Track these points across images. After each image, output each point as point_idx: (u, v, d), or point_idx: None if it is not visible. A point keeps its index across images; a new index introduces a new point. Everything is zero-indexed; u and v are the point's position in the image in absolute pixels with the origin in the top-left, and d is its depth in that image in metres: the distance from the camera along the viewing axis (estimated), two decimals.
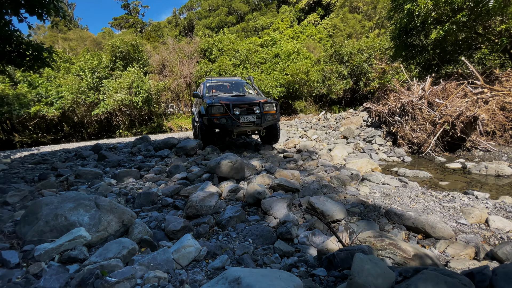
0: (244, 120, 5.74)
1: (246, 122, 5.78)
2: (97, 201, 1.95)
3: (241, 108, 5.84)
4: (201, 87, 7.55)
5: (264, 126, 6.04)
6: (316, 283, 1.43)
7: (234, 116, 5.66)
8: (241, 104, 5.90)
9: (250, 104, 5.96)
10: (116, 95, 15.10)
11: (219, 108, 5.66)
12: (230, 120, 5.63)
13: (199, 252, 1.80)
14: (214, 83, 7.64)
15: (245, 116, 5.76)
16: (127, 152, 7.01)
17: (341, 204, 2.97)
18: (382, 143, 7.48)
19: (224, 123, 5.64)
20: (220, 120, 5.62)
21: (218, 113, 5.67)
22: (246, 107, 5.88)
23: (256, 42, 22.27)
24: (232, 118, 5.61)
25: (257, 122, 5.86)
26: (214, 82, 7.81)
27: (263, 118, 5.88)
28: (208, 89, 7.21)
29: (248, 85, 8.09)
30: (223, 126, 5.72)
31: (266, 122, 5.96)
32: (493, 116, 6.34)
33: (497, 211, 2.95)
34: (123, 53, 17.47)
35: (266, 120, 5.94)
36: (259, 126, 5.94)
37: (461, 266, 1.81)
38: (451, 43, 9.07)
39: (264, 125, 5.99)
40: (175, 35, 35.36)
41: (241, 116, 5.72)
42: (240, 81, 8.29)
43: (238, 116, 5.69)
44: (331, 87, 15.27)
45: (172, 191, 3.51)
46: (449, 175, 5.02)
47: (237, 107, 5.79)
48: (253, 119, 5.83)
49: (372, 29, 27.54)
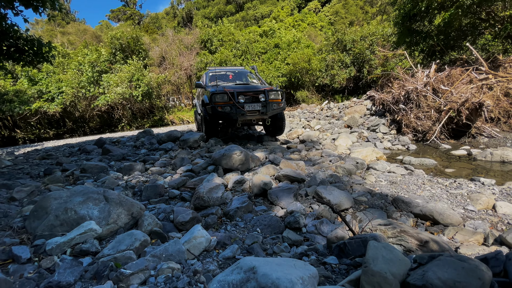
0: (249, 108, 5.54)
1: (251, 111, 5.59)
2: (106, 195, 1.95)
3: (246, 96, 5.64)
4: (203, 77, 7.43)
5: (270, 115, 5.88)
6: (328, 271, 1.44)
7: (239, 104, 5.44)
8: (246, 92, 5.71)
9: (255, 92, 5.78)
10: (116, 89, 15.02)
11: (223, 96, 5.47)
12: (235, 108, 5.42)
13: (209, 243, 1.81)
14: (217, 73, 7.45)
15: (250, 104, 5.56)
16: (131, 145, 7.02)
17: (347, 193, 2.97)
18: (386, 132, 7.43)
19: (229, 112, 5.44)
20: (224, 109, 5.43)
21: (222, 101, 5.48)
22: (251, 95, 5.68)
23: (256, 31, 21.90)
24: (237, 106, 5.40)
25: (262, 111, 5.67)
26: (217, 71, 7.62)
27: (269, 106, 5.69)
28: (211, 79, 7.04)
29: (252, 75, 7.91)
30: (227, 115, 5.53)
31: (271, 110, 5.78)
32: (498, 102, 6.25)
33: (503, 197, 2.94)
34: (123, 46, 17.26)
35: (272, 109, 5.76)
36: (264, 115, 5.78)
37: (471, 252, 1.81)
38: (455, 28, 8.87)
39: (269, 114, 5.82)
40: (173, 26, 34.83)
41: (246, 104, 5.52)
42: (243, 71, 8.08)
43: (242, 104, 5.48)
44: (334, 77, 15.07)
45: (178, 183, 3.52)
46: (454, 162, 4.99)
47: (242, 95, 5.60)
48: (258, 108, 5.63)
49: (374, 16, 26.95)
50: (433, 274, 0.97)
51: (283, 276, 0.93)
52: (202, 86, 6.64)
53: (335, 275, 1.41)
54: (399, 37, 10.65)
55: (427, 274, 0.98)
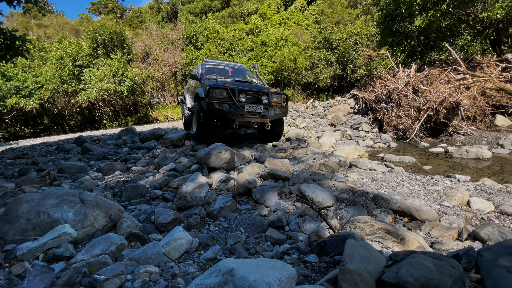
0: (249, 109, 5.01)
1: (251, 112, 5.05)
2: (82, 196, 1.87)
3: (248, 95, 5.13)
4: (199, 68, 6.76)
5: (271, 119, 5.39)
6: (308, 269, 1.45)
7: (239, 103, 4.91)
8: (248, 90, 5.17)
9: (257, 92, 5.27)
10: (100, 84, 14.48)
11: (221, 92, 4.94)
12: (234, 107, 4.88)
13: (191, 244, 1.79)
14: (214, 66, 6.76)
15: (251, 105, 5.03)
16: (112, 144, 6.81)
17: (330, 190, 3.01)
18: (368, 130, 7.61)
19: (227, 110, 4.90)
20: (222, 106, 4.88)
21: (221, 97, 4.94)
22: (252, 95, 5.17)
23: (243, 28, 21.76)
24: (237, 105, 4.87)
25: (263, 114, 5.15)
26: (215, 64, 6.86)
27: (271, 109, 5.19)
28: (208, 72, 6.47)
29: (252, 74, 7.31)
30: (225, 114, 4.97)
31: (273, 114, 5.29)
32: (474, 101, 6.55)
33: (477, 193, 3.08)
34: (106, 40, 16.63)
35: (274, 113, 5.27)
36: (265, 118, 5.26)
37: (446, 247, 1.89)
38: (435, 29, 9.19)
39: (270, 118, 5.32)
40: (157, 21, 33.98)
41: (247, 105, 4.99)
42: (243, 68, 7.48)
43: (243, 104, 4.96)
44: (318, 75, 15.25)
45: (161, 183, 3.45)
46: (432, 159, 5.19)
47: (243, 94, 5.08)
48: (259, 110, 5.09)
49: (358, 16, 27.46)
50: (407, 272, 0.99)
51: (260, 278, 0.92)
52: (196, 78, 5.97)
53: (314, 273, 1.42)
54: (382, 37, 10.91)
55: (401, 271, 1.01)
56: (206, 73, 6.36)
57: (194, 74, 5.96)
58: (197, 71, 6.87)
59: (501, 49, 8.03)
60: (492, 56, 7.50)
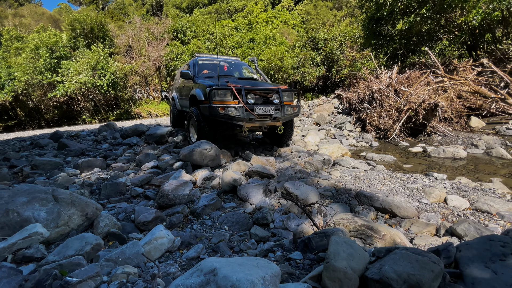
0: (259, 111, 4.29)
1: (262, 115, 4.34)
2: (55, 194, 1.76)
3: (256, 95, 4.40)
4: (191, 65, 5.91)
5: (283, 121, 4.72)
6: (292, 267, 1.44)
7: (248, 106, 4.18)
8: (256, 89, 4.43)
9: (266, 90, 4.54)
10: (78, 77, 13.81)
11: (225, 93, 4.18)
12: (242, 111, 4.14)
13: (173, 243, 1.73)
14: (207, 61, 5.99)
15: (261, 107, 4.31)
16: (91, 140, 6.53)
17: (314, 188, 3.04)
18: (351, 129, 7.77)
19: (233, 115, 4.12)
20: (228, 110, 4.08)
21: (225, 100, 4.18)
22: (261, 94, 4.44)
23: (230, 25, 21.55)
24: (245, 108, 4.14)
25: (275, 116, 4.46)
26: (208, 59, 6.10)
27: (283, 110, 4.54)
28: (201, 68, 5.69)
29: (250, 69, 6.55)
30: (231, 119, 4.17)
31: (285, 116, 4.64)
32: (451, 103, 6.84)
33: (454, 191, 3.21)
34: (86, 31, 15.87)
35: (286, 114, 4.62)
36: (277, 121, 4.56)
37: (425, 242, 1.94)
38: (415, 33, 9.51)
39: (283, 120, 4.68)
40: (142, 14, 32.97)
41: (256, 106, 4.27)
42: (240, 62, 6.67)
43: (252, 106, 4.24)
44: (305, 74, 15.40)
45: (142, 181, 3.34)
46: (411, 158, 5.37)
47: (251, 94, 4.34)
48: (271, 111, 4.40)
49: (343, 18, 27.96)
50: (389, 268, 1.00)
51: (243, 278, 0.89)
52: (189, 77, 5.16)
53: (299, 270, 1.41)
54: (365, 40, 11.16)
55: (384, 268, 1.01)
56: (199, 70, 5.64)
57: (186, 72, 5.11)
58: (187, 68, 6.10)
59: (477, 54, 8.44)
60: (468, 61, 7.86)
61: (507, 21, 7.46)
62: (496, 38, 8.26)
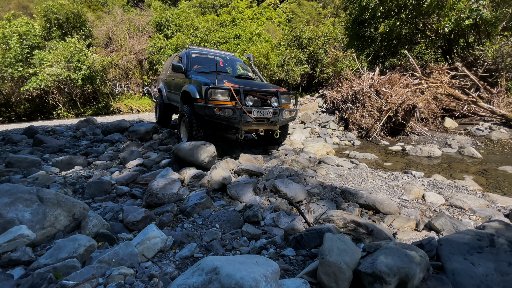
0: (257, 114, 4.08)
1: (259, 118, 4.14)
2: (40, 194, 1.69)
3: (254, 96, 4.17)
4: (183, 58, 5.48)
5: (280, 125, 4.61)
6: (286, 263, 1.49)
7: (246, 108, 3.97)
8: (254, 91, 4.19)
9: (265, 93, 4.33)
10: (50, 69, 13.01)
11: (223, 93, 3.96)
12: (240, 113, 3.93)
13: (165, 243, 1.72)
14: (201, 55, 5.61)
15: (259, 109, 4.10)
16: (70, 136, 6.24)
17: (302, 186, 3.12)
18: (335, 128, 7.99)
19: (230, 117, 3.92)
20: (224, 112, 3.87)
21: (222, 100, 3.94)
22: (259, 96, 4.22)
23: (216, 20, 21.25)
24: (243, 110, 3.93)
25: (273, 119, 4.28)
26: (203, 53, 5.67)
27: (281, 114, 4.36)
28: (194, 62, 5.29)
29: (245, 66, 6.24)
30: (227, 121, 3.97)
31: (283, 120, 4.48)
32: (428, 105, 7.22)
33: (431, 188, 3.42)
34: (60, 21, 14.96)
35: (283, 118, 4.45)
36: (274, 125, 4.42)
37: (406, 237, 2.07)
38: (395, 37, 9.89)
39: (280, 124, 4.54)
40: (122, 4, 31.60)
41: (254, 109, 4.06)
42: (235, 58, 6.32)
43: (250, 109, 4.02)
44: (289, 72, 15.55)
45: (128, 179, 3.26)
46: (391, 156, 5.62)
47: (250, 95, 4.11)
48: (268, 115, 4.20)
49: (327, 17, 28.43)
50: (381, 262, 1.07)
51: (247, 275, 0.92)
52: (181, 70, 4.81)
53: (293, 266, 1.47)
54: (349, 41, 11.45)
55: (376, 262, 1.08)
56: (193, 63, 5.28)
57: (178, 65, 4.78)
58: (178, 61, 5.73)
59: (452, 58, 8.93)
60: (443, 64, 8.31)
61: (479, 27, 7.94)
62: (469, 43, 8.79)
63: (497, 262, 1.11)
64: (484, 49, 7.67)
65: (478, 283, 1.08)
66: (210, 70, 5.12)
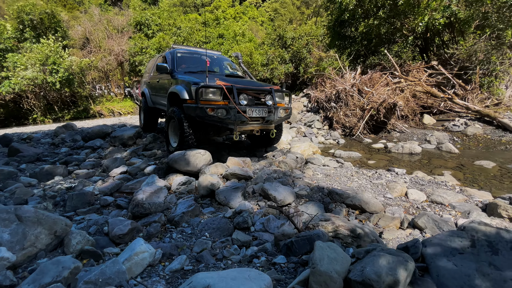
0: (252, 114, 3.92)
1: (254, 118, 3.98)
2: (19, 213, 1.60)
3: (248, 95, 4.00)
4: (168, 57, 5.25)
5: (276, 124, 4.45)
6: (278, 272, 1.50)
7: (240, 108, 3.78)
8: (248, 89, 4.03)
9: (259, 91, 4.17)
10: (25, 73, 12.38)
11: (215, 93, 3.75)
12: (234, 113, 3.75)
13: (154, 256, 1.69)
14: (187, 54, 5.44)
15: (253, 108, 3.93)
16: (48, 143, 5.96)
17: (290, 188, 3.14)
18: (320, 127, 8.12)
19: (224, 117, 3.73)
20: (217, 112, 3.67)
21: (214, 100, 3.74)
22: (253, 95, 4.06)
23: (198, 19, 20.96)
24: (237, 110, 3.75)
25: (268, 118, 4.11)
26: (188, 52, 5.51)
27: (276, 112, 4.21)
28: (180, 62, 5.07)
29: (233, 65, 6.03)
30: (221, 122, 3.78)
31: (278, 119, 4.33)
32: (407, 102, 7.48)
33: (413, 185, 3.55)
34: (34, 22, 14.22)
35: (279, 116, 4.30)
36: (269, 124, 4.25)
37: (392, 236, 2.14)
38: (374, 36, 10.18)
39: (275, 123, 4.40)
40: (99, 3, 30.50)
41: (248, 108, 3.88)
42: (222, 57, 6.12)
43: (244, 108, 3.84)
44: (273, 71, 15.62)
45: (112, 188, 3.16)
46: (375, 154, 5.79)
47: (243, 94, 3.94)
48: (263, 114, 4.05)
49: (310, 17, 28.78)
50: (370, 270, 1.10)
51: None
52: (166, 71, 4.61)
53: (284, 275, 1.48)
54: (331, 41, 11.65)
55: (365, 270, 1.11)
56: (178, 63, 5.04)
57: (163, 65, 4.55)
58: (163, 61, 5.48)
59: (428, 57, 9.30)
60: (421, 63, 8.63)
61: (453, 26, 8.31)
62: (444, 42, 9.18)
63: (478, 263, 1.18)
64: (458, 47, 8.04)
65: (461, 284, 1.14)
66: (197, 69, 4.92)
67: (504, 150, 5.39)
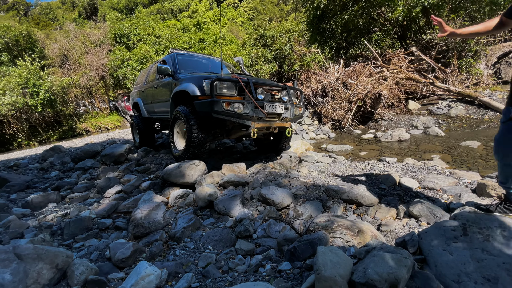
0: (269, 109, 3.72)
1: (271, 114, 3.78)
2: (17, 251, 1.58)
3: (265, 90, 3.82)
4: (168, 60, 5.11)
5: (292, 122, 4.32)
6: (284, 279, 1.53)
7: (258, 102, 3.59)
8: (263, 84, 3.87)
9: (275, 86, 4.01)
10: (4, 98, 12.03)
11: (230, 87, 3.53)
12: (251, 108, 3.54)
13: (160, 278, 1.69)
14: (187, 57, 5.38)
15: (270, 104, 3.74)
16: (36, 168, 5.83)
17: (287, 189, 3.18)
18: (310, 123, 8.21)
19: (241, 113, 3.49)
20: (233, 107, 3.43)
21: (229, 95, 3.51)
22: (269, 91, 3.89)
23: (177, 26, 20.78)
24: (255, 105, 3.54)
25: (284, 115, 3.98)
26: (188, 56, 5.47)
27: (292, 109, 4.10)
28: (182, 65, 4.96)
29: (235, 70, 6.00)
30: (238, 118, 3.52)
31: (294, 116, 4.22)
32: (391, 90, 7.65)
33: (405, 173, 3.65)
34: (10, 44, 13.81)
35: (294, 114, 4.20)
36: (285, 122, 4.09)
37: (390, 228, 2.20)
38: (353, 27, 10.34)
39: (292, 121, 4.26)
40: (73, 18, 29.84)
41: (266, 104, 3.69)
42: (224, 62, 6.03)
43: (262, 103, 3.65)
44: (258, 72, 15.65)
45: (109, 210, 3.13)
46: (365, 145, 5.90)
47: (260, 88, 3.76)
48: (280, 110, 3.86)
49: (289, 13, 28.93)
50: (372, 270, 1.15)
51: None
52: (168, 73, 4.40)
53: (291, 282, 1.51)
54: (311, 36, 11.77)
55: (367, 271, 1.16)
56: (180, 66, 4.90)
57: (164, 68, 4.34)
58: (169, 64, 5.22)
59: (407, 43, 9.51)
60: (400, 50, 8.83)
61: (428, 12, 8.53)
62: (420, 27, 9.41)
63: (472, 250, 1.24)
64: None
65: (458, 272, 1.19)
66: (199, 72, 4.78)
67: (487, 128, 5.59)
